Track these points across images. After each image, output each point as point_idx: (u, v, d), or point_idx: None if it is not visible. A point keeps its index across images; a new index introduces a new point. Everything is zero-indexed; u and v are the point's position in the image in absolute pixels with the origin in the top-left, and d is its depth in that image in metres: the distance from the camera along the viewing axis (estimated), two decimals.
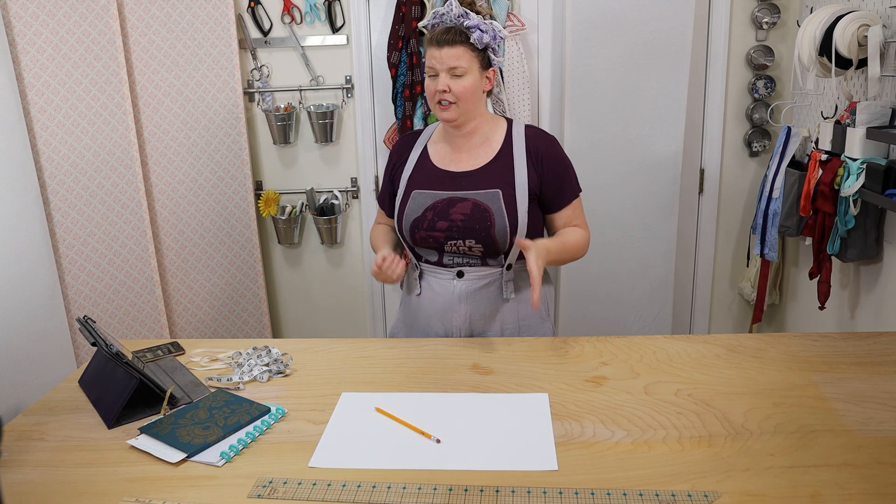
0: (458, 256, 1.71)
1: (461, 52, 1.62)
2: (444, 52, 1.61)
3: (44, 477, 1.19)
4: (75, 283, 2.58)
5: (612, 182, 2.73)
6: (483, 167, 1.70)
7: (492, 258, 1.70)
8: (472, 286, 1.72)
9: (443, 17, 1.66)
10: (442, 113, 1.66)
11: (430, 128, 1.84)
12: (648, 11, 2.57)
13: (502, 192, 1.66)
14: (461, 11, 1.64)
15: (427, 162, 1.75)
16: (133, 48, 2.61)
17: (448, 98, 1.63)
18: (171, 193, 2.75)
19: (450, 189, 1.69)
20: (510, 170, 1.69)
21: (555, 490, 1.11)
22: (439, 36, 1.62)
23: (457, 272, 1.72)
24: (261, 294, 2.95)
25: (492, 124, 1.75)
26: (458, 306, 1.73)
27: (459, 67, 1.62)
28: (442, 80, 1.62)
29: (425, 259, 1.76)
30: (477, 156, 1.72)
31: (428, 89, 1.66)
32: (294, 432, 1.31)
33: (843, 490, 1.08)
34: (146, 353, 1.65)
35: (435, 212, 1.68)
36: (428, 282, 1.76)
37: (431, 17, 1.68)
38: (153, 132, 2.69)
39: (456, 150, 1.74)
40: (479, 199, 1.66)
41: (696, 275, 2.98)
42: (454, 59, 1.61)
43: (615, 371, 1.50)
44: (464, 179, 1.70)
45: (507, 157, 1.71)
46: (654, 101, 2.65)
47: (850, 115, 2.10)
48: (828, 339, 1.62)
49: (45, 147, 2.46)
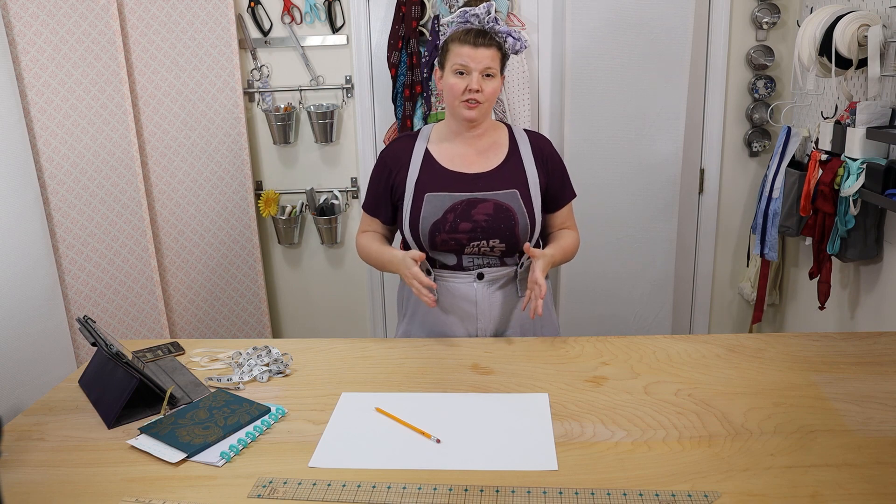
0: (478, 257, 1.72)
1: (494, 55, 1.65)
2: (480, 52, 1.63)
3: (44, 477, 1.19)
4: (75, 283, 2.58)
5: (612, 182, 2.73)
6: (496, 168, 1.73)
7: (509, 257, 1.74)
8: (491, 286, 1.74)
9: (475, 18, 1.67)
10: (468, 112, 1.66)
11: (425, 129, 1.82)
12: (648, 11, 2.57)
13: (519, 192, 1.70)
14: (494, 17, 1.67)
15: (434, 164, 1.74)
16: (133, 48, 2.61)
17: (478, 97, 1.65)
18: (171, 193, 2.75)
19: (465, 190, 1.70)
20: (522, 170, 1.73)
21: (555, 490, 1.11)
22: (475, 37, 1.64)
23: (477, 274, 1.73)
24: (261, 294, 2.95)
25: (495, 128, 1.79)
26: (481, 308, 1.74)
27: (492, 69, 1.65)
28: (476, 79, 1.63)
29: (441, 264, 1.75)
30: (488, 157, 1.74)
31: (455, 87, 1.65)
32: (294, 432, 1.31)
33: (843, 490, 1.08)
34: (146, 353, 1.65)
35: (456, 213, 1.68)
36: (446, 288, 1.75)
37: (460, 16, 1.68)
38: (153, 132, 2.69)
39: (466, 150, 1.74)
40: (499, 199, 1.69)
41: (696, 275, 2.98)
42: (489, 61, 1.64)
43: (615, 371, 1.50)
44: (480, 180, 1.71)
45: (516, 158, 1.75)
46: (654, 100, 2.65)
47: (850, 115, 2.10)
48: (828, 339, 1.62)
49: (45, 147, 2.46)
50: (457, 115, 1.70)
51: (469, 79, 1.64)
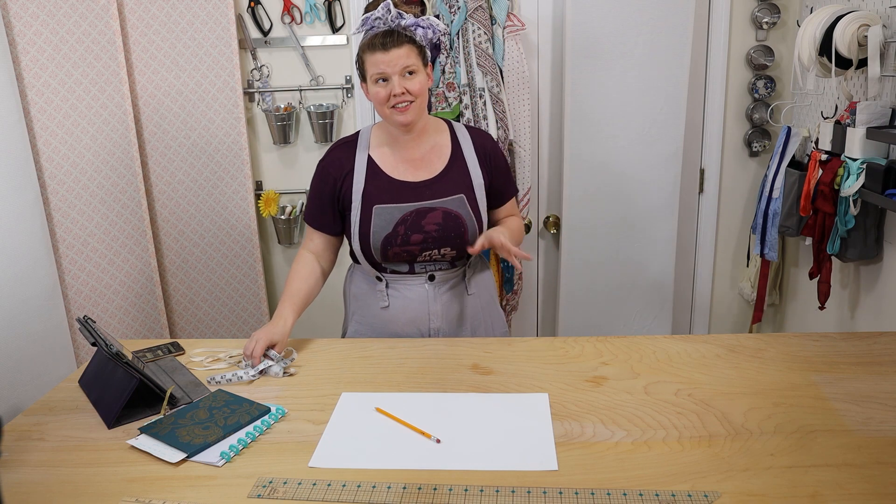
0: (429, 264, 1.74)
1: (408, 51, 1.60)
2: (392, 53, 1.58)
3: (44, 477, 1.19)
4: (75, 283, 2.58)
5: (611, 182, 2.73)
6: (441, 173, 1.71)
7: (459, 259, 1.76)
8: (442, 287, 1.76)
9: (378, 21, 1.61)
10: (401, 116, 1.62)
11: (364, 133, 1.77)
12: (648, 11, 2.57)
13: (465, 196, 1.70)
14: (396, 13, 1.61)
15: (379, 173, 1.71)
16: (133, 48, 2.61)
17: (406, 98, 1.61)
18: (171, 193, 2.75)
19: (413, 200, 1.68)
20: (467, 173, 1.72)
21: (555, 490, 1.11)
22: (382, 39, 1.59)
23: (428, 276, 1.74)
24: (261, 294, 2.95)
25: (435, 125, 1.76)
26: (433, 308, 1.76)
27: (410, 66, 1.60)
28: (396, 82, 1.59)
29: (392, 270, 1.75)
30: (431, 162, 1.72)
31: (378, 96, 1.61)
32: (294, 432, 1.31)
33: (843, 490, 1.08)
34: (146, 353, 1.65)
35: (406, 226, 1.67)
36: (397, 290, 1.76)
37: (363, 24, 1.63)
38: (153, 132, 2.69)
39: (407, 156, 1.72)
40: (447, 206, 1.68)
41: (696, 275, 2.98)
42: (404, 59, 1.59)
43: (615, 371, 1.50)
44: (426, 188, 1.69)
45: (460, 160, 1.73)
46: (654, 100, 2.65)
47: (850, 115, 2.10)
48: (828, 339, 1.62)
49: (45, 147, 2.46)
50: (392, 122, 1.66)
51: (391, 84, 1.59)
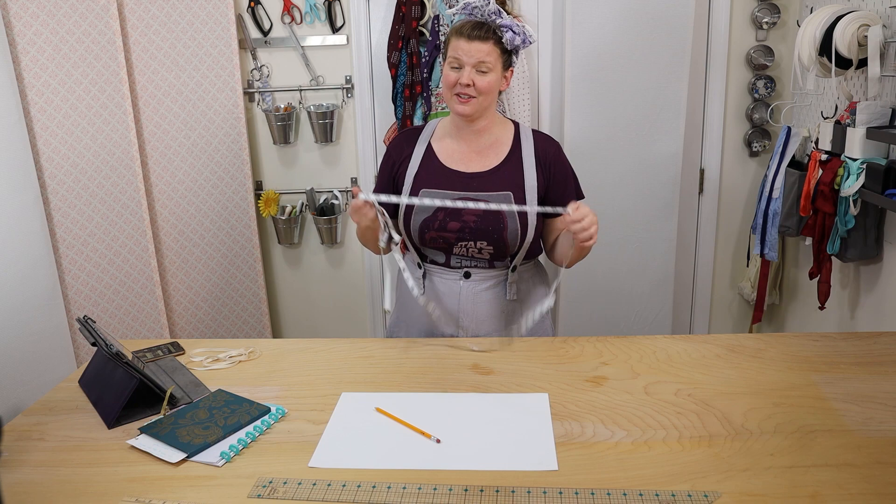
0: (465, 259, 1.71)
1: (490, 49, 1.60)
2: (473, 46, 1.59)
3: (44, 477, 1.19)
4: (75, 283, 2.58)
5: (612, 182, 2.73)
6: (494, 169, 1.70)
7: (499, 260, 1.71)
8: (477, 287, 1.73)
9: (476, 11, 1.63)
10: (459, 106, 1.64)
11: (432, 124, 1.80)
12: (648, 11, 2.57)
13: (513, 194, 1.67)
14: (496, 9, 1.62)
15: (434, 160, 1.73)
16: (133, 48, 2.61)
17: (469, 92, 1.61)
18: (171, 193, 2.75)
19: (460, 189, 1.68)
20: (520, 172, 1.69)
21: (555, 490, 1.11)
22: (470, 30, 1.60)
23: (464, 273, 1.72)
24: (261, 294, 2.95)
25: (500, 126, 1.75)
26: (464, 307, 1.73)
27: (486, 63, 1.60)
28: (467, 73, 1.60)
29: (431, 259, 1.75)
30: (487, 156, 1.72)
31: (448, 79, 1.63)
32: (294, 432, 1.31)
33: (843, 490, 1.08)
34: (146, 353, 1.65)
35: (446, 212, 1.66)
36: (432, 282, 1.75)
37: (462, 8, 1.64)
38: (153, 132, 2.69)
39: (466, 148, 1.72)
40: (491, 200, 1.66)
41: (696, 275, 2.98)
42: (483, 55, 1.60)
43: (615, 371, 1.50)
44: (475, 180, 1.69)
45: (516, 159, 1.71)
46: (654, 100, 2.65)
47: (850, 115, 2.10)
48: (828, 339, 1.62)
49: (45, 147, 2.46)
50: (451, 108, 1.68)
51: (462, 72, 1.61)
